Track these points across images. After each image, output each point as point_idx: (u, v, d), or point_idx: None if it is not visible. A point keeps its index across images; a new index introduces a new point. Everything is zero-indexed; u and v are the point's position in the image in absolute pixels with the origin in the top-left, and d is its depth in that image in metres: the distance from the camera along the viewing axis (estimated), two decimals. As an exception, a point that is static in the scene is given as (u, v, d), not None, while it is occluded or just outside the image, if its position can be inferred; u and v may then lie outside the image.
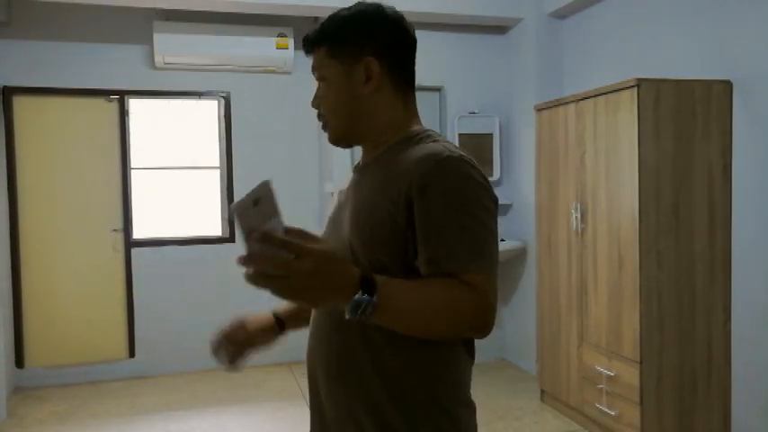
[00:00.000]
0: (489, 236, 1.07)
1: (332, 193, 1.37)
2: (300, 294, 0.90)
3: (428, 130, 1.22)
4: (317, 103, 1.24)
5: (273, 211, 0.86)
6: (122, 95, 4.63)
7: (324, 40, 1.21)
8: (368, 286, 0.93)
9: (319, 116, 1.24)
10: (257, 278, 0.86)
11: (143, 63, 4.64)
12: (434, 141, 1.16)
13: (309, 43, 1.23)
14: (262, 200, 0.85)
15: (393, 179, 1.10)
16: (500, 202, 4.47)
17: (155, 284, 4.69)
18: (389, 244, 1.07)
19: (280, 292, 0.88)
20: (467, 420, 1.16)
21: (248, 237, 0.84)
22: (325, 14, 4.81)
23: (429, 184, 1.06)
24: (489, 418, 3.73)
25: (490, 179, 5.16)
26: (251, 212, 0.83)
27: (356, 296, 0.92)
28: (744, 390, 3.10)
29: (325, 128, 1.25)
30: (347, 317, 0.94)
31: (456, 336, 1.11)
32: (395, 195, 1.08)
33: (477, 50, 4.83)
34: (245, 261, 0.85)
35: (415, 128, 1.23)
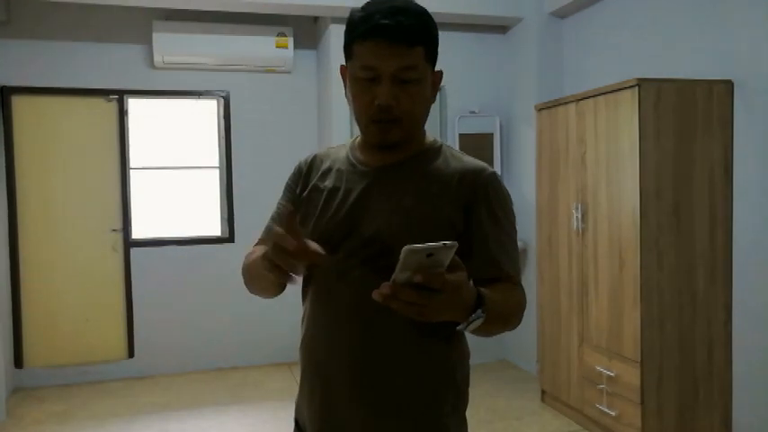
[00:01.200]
0: None
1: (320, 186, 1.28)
2: (433, 317, 0.95)
3: (438, 139, 1.31)
4: (398, 103, 1.14)
5: (440, 266, 0.92)
6: (121, 95, 4.61)
7: (424, 40, 1.15)
8: (479, 302, 1.02)
9: (387, 116, 1.15)
10: (400, 305, 0.92)
11: (142, 62, 4.63)
12: (459, 153, 1.29)
13: (413, 37, 1.12)
14: (436, 255, 0.90)
15: (448, 185, 1.20)
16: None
17: (154, 284, 4.68)
18: (444, 240, 1.10)
19: (417, 315, 0.94)
20: (466, 405, 1.29)
21: (412, 275, 0.91)
22: (324, 14, 4.75)
23: (490, 196, 1.21)
24: (490, 417, 3.72)
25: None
26: (422, 259, 0.90)
27: (475, 313, 1.01)
28: (745, 389, 3.09)
29: (391, 133, 1.17)
30: (458, 328, 1.04)
31: (507, 330, 1.20)
32: (453, 201, 1.18)
33: (477, 50, 4.82)
34: (398, 291, 0.91)
35: (428, 136, 1.29)
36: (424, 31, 1.14)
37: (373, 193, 1.20)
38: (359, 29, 1.13)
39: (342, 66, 1.22)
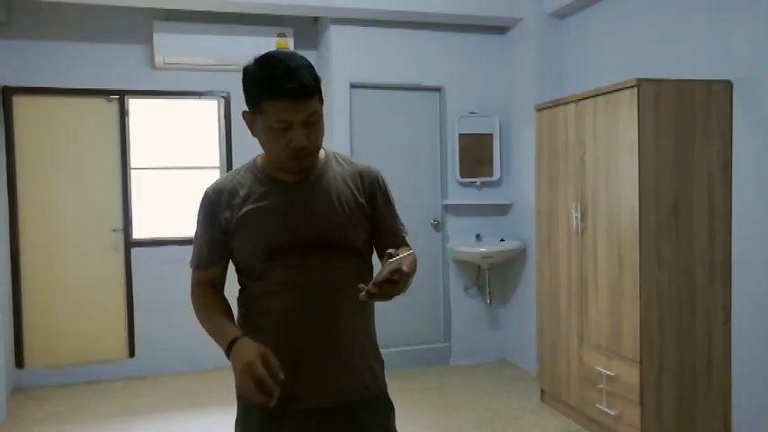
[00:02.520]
0: None
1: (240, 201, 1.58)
2: (393, 297, 1.39)
3: (324, 149, 1.61)
4: (309, 141, 1.46)
5: (403, 264, 1.40)
6: (122, 95, 4.62)
7: (318, 89, 1.45)
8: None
9: (307, 152, 1.47)
10: (387, 295, 1.38)
11: (143, 63, 4.64)
12: (344, 156, 1.68)
13: (313, 91, 1.43)
14: (404, 259, 1.40)
15: (353, 184, 1.59)
16: (500, 202, 4.47)
17: (154, 284, 4.68)
18: (363, 224, 1.59)
19: (387, 298, 1.38)
20: None
21: (389, 274, 1.36)
22: (324, 14, 4.83)
23: (382, 186, 1.65)
24: (489, 417, 3.73)
25: (490, 179, 5.10)
26: (396, 264, 1.36)
27: (408, 283, 1.43)
28: (744, 389, 3.10)
29: (306, 161, 1.50)
30: (403, 293, 1.43)
31: None
32: (360, 193, 1.59)
33: (477, 50, 4.83)
34: (382, 288, 1.37)
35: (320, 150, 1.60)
36: (317, 82, 1.44)
37: (303, 201, 1.53)
38: (266, 92, 1.41)
39: (245, 112, 1.51)
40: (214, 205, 1.55)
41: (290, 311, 1.51)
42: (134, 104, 4.69)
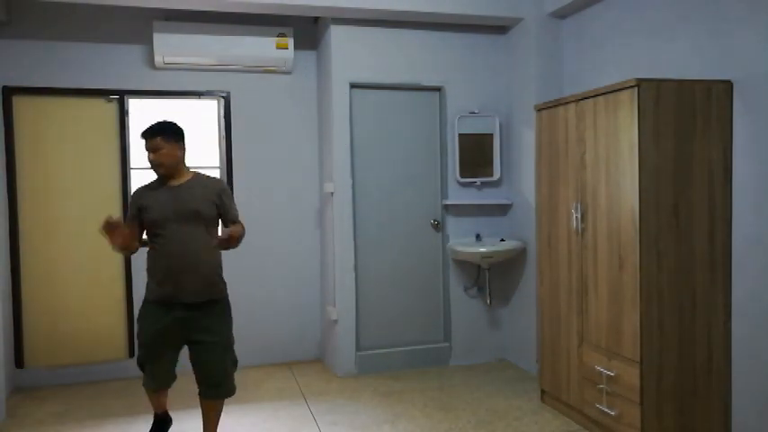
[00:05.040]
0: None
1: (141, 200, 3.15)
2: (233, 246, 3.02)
3: (193, 170, 3.16)
4: (158, 159, 3.04)
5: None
6: (122, 95, 4.62)
7: (159, 133, 3.07)
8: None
9: (155, 164, 3.04)
10: (225, 245, 2.98)
11: (143, 63, 4.64)
12: (206, 175, 3.16)
13: (156, 134, 3.08)
14: (236, 227, 3.14)
15: (208, 191, 3.05)
16: (500, 203, 4.50)
17: (154, 284, 4.68)
18: (215, 216, 3.08)
19: (232, 245, 2.99)
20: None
21: (225, 234, 2.98)
22: (324, 14, 4.91)
23: (225, 192, 3.13)
24: (489, 417, 3.73)
25: (490, 179, 5.12)
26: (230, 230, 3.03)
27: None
28: (744, 390, 3.10)
29: (159, 170, 3.06)
30: (235, 245, 3.01)
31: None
32: (215, 197, 3.06)
33: (477, 50, 4.84)
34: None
35: (189, 170, 3.13)
36: (161, 131, 3.04)
37: (176, 195, 3.00)
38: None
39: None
40: (135, 197, 3.09)
41: (173, 259, 2.97)
42: (134, 104, 4.69)
